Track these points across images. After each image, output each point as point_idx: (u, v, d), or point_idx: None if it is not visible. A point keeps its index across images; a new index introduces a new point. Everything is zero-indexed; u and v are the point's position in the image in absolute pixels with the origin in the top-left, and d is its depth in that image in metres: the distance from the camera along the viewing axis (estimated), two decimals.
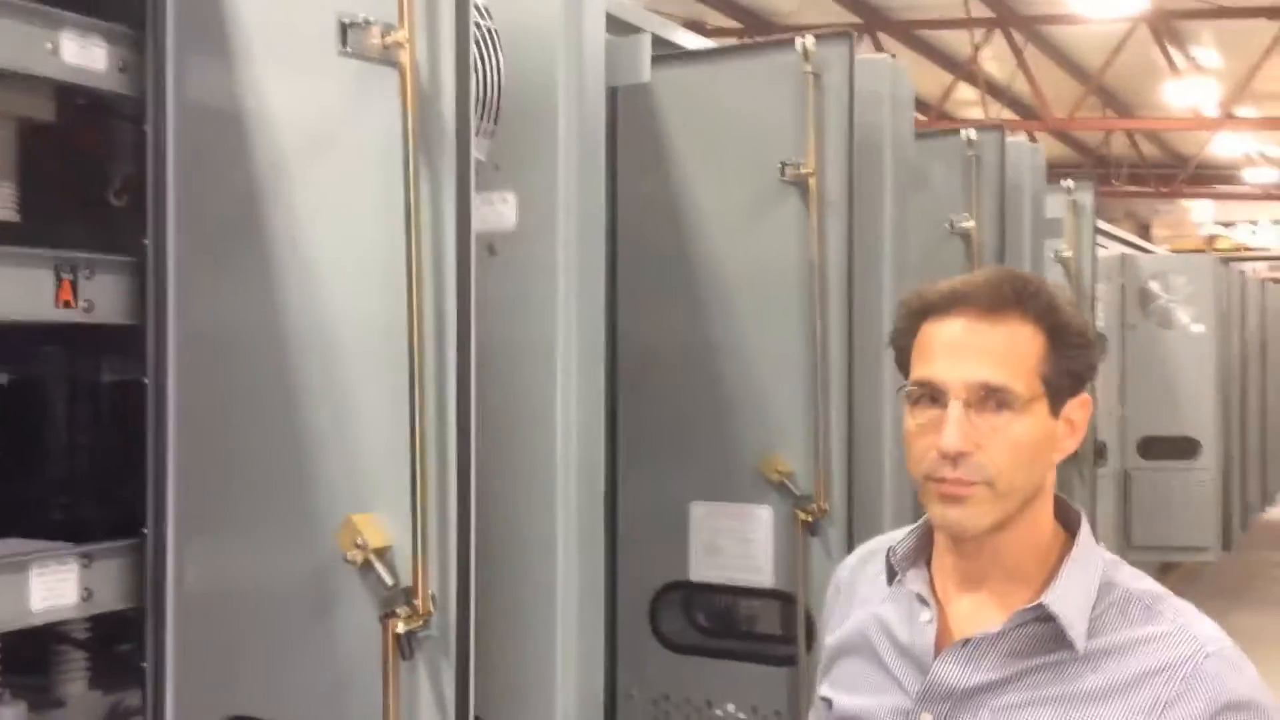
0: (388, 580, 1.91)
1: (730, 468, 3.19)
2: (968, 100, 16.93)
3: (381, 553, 1.93)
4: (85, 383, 2.47)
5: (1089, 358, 1.49)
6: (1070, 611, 1.42)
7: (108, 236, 2.23)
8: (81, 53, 2.08)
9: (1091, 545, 1.49)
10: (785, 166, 3.09)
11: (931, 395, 1.44)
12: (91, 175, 2.41)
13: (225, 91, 2.08)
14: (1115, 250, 8.38)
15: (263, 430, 2.08)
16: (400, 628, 1.88)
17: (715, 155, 3.20)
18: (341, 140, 2.00)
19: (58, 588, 2.05)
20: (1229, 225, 21.80)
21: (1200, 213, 21.65)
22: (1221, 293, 8.55)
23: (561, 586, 2.17)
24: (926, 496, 1.46)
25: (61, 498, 2.45)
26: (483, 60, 2.13)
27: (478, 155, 1.98)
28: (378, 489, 1.95)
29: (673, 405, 3.25)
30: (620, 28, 2.74)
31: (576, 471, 2.19)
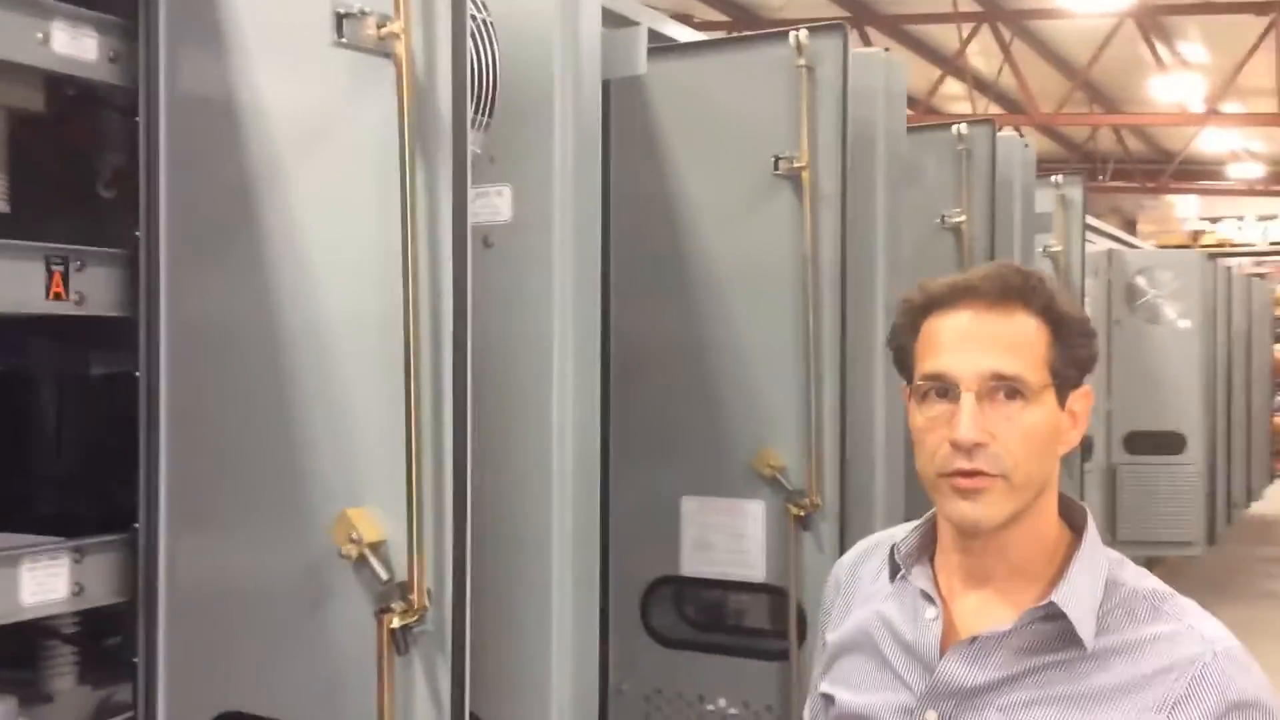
0: (382, 575, 1.90)
1: (722, 462, 3.19)
2: (954, 95, 16.94)
3: (376, 547, 1.92)
4: (76, 376, 2.45)
5: (1090, 349, 1.49)
6: (1079, 610, 1.41)
7: (97, 228, 2.21)
8: (72, 43, 2.07)
9: (1098, 543, 1.48)
10: (778, 160, 3.09)
11: (941, 389, 1.43)
12: (81, 166, 2.39)
13: (218, 82, 2.06)
14: (1102, 245, 8.39)
15: (256, 424, 2.07)
16: (395, 623, 1.87)
17: (708, 149, 3.19)
18: (336, 132, 1.98)
19: (48, 582, 2.04)
20: (1214, 221, 21.88)
21: (1185, 208, 21.72)
22: (1208, 288, 8.57)
23: (557, 581, 2.16)
24: (939, 492, 1.44)
25: (52, 492, 2.43)
26: (478, 52, 2.12)
27: (473, 148, 1.97)
28: (372, 483, 1.94)
29: (664, 399, 3.24)
30: (613, 20, 2.73)
31: (572, 466, 2.18)
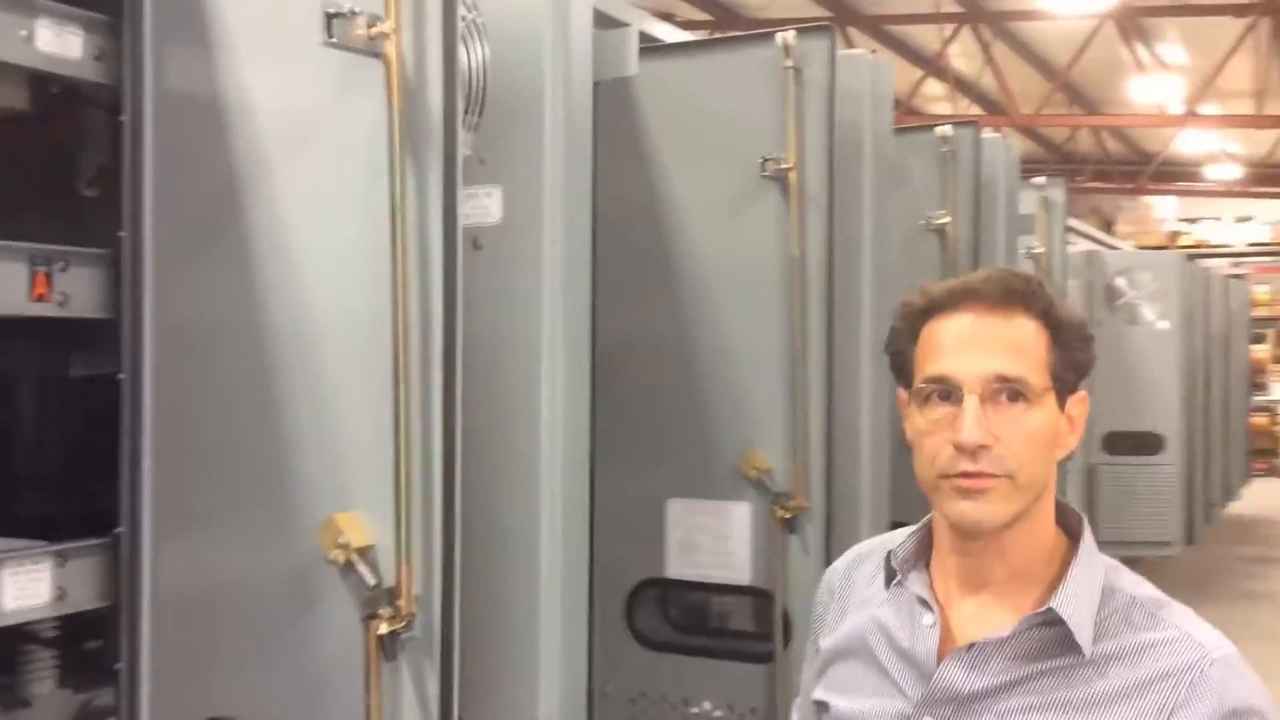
0: (370, 580, 1.88)
1: (708, 464, 3.18)
2: (935, 96, 16.99)
3: (364, 552, 1.90)
4: (59, 377, 2.42)
5: (1088, 353, 1.49)
6: (1078, 616, 1.41)
7: (78, 227, 2.19)
8: (56, 41, 2.04)
9: (1094, 549, 1.48)
10: (765, 161, 3.08)
11: (943, 392, 1.43)
12: (62, 165, 2.37)
13: (205, 81, 2.04)
14: (1082, 247, 8.42)
15: (242, 427, 2.05)
16: (383, 629, 1.86)
17: (694, 150, 3.18)
18: (325, 132, 1.96)
19: (30, 587, 2.01)
20: (1192, 221, 22.00)
21: (1164, 209, 21.84)
22: (1186, 289, 8.61)
23: (545, 585, 2.15)
24: (941, 494, 1.44)
25: (34, 495, 2.40)
26: (469, 53, 2.10)
27: (463, 149, 1.95)
28: (360, 487, 1.92)
29: (650, 401, 3.23)
30: (602, 21, 2.71)
31: (561, 468, 2.17)
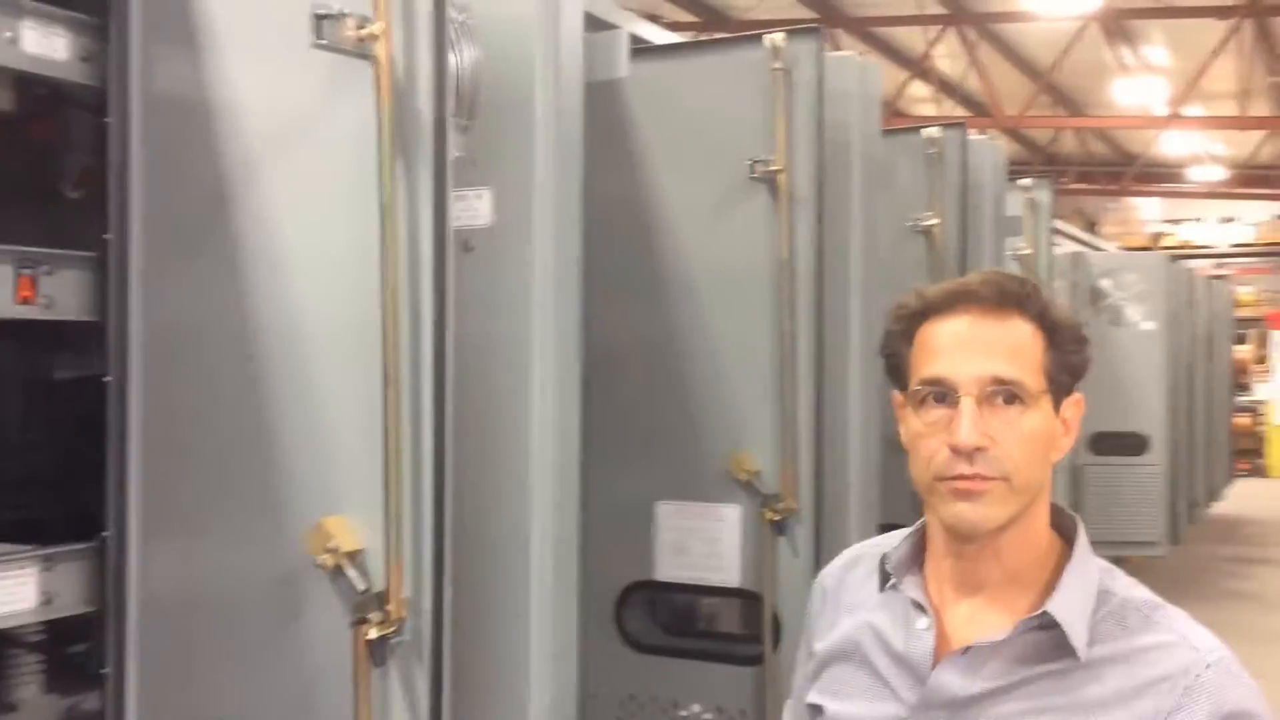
0: (359, 585, 1.87)
1: (697, 466, 3.18)
2: (920, 97, 17.03)
3: (354, 556, 1.89)
4: (45, 380, 2.40)
5: (1083, 355, 1.49)
6: (1073, 620, 1.41)
7: (61, 229, 2.17)
8: (43, 42, 2.02)
9: (1089, 552, 1.48)
10: (754, 163, 3.08)
11: (939, 394, 1.43)
12: (47, 167, 2.35)
13: (192, 83, 2.03)
14: (1067, 248, 8.44)
15: (230, 430, 2.03)
16: (373, 633, 1.85)
17: (683, 151, 3.18)
18: (314, 134, 1.95)
19: (17, 591, 1.99)
20: (1176, 223, 22.09)
21: (1147, 210, 21.93)
22: (1171, 290, 8.65)
23: (535, 588, 2.14)
24: (937, 497, 1.44)
25: (20, 498, 2.38)
26: (458, 54, 2.09)
27: (453, 150, 1.95)
28: (350, 491, 1.91)
29: (639, 403, 3.23)
30: (591, 23, 2.71)
31: (551, 471, 2.16)
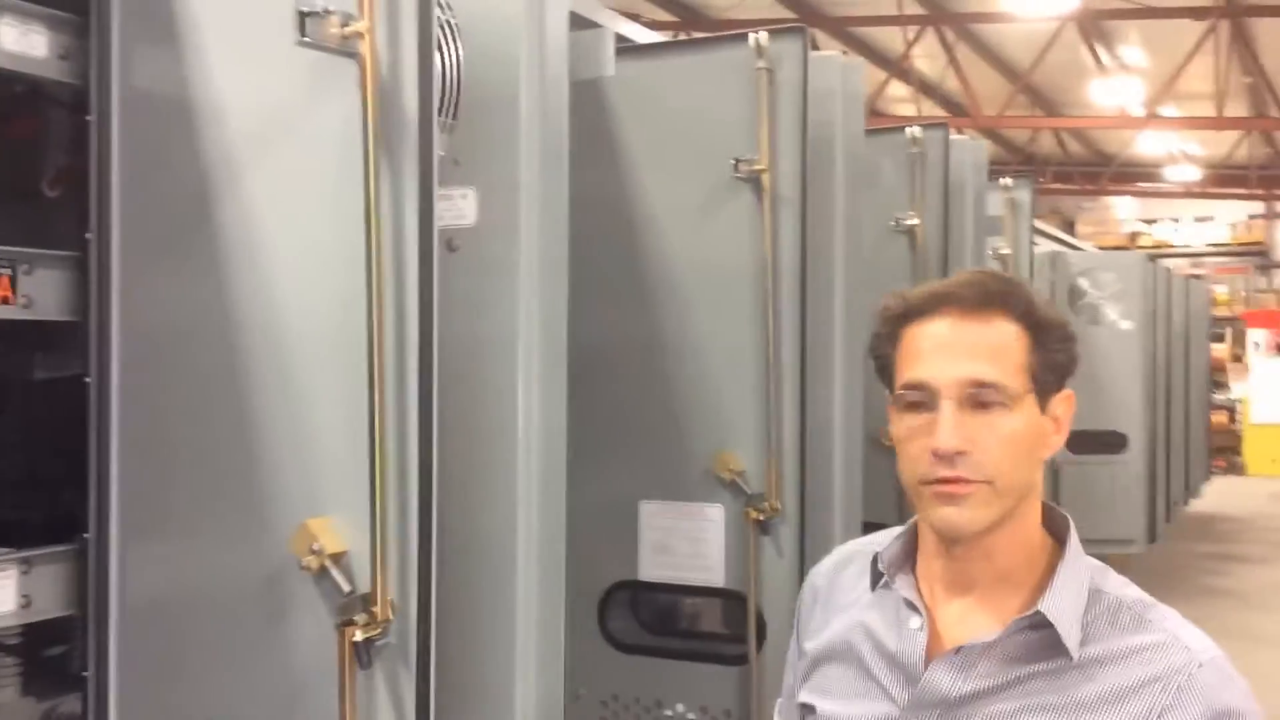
0: (344, 587, 1.86)
1: (681, 466, 3.17)
2: (899, 97, 17.07)
3: (338, 558, 1.87)
4: (23, 381, 2.38)
5: (1070, 353, 1.49)
6: (1066, 619, 1.41)
7: (39, 228, 2.14)
8: (21, 39, 2.00)
9: (1080, 551, 1.48)
10: (738, 162, 3.07)
11: (920, 398, 1.43)
12: (24, 165, 2.32)
13: (174, 81, 2.01)
14: (1045, 247, 8.47)
15: (213, 431, 2.01)
16: (358, 636, 1.83)
17: (667, 150, 3.18)
18: (297, 133, 1.93)
19: None
20: (1152, 222, 22.21)
21: (1124, 210, 22.04)
22: (1149, 290, 8.68)
23: (522, 588, 2.13)
24: (922, 500, 1.44)
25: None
26: (443, 53, 2.08)
27: (437, 150, 1.93)
28: (334, 492, 1.89)
29: (623, 402, 3.22)
30: (574, 22, 2.70)
31: (538, 472, 2.14)
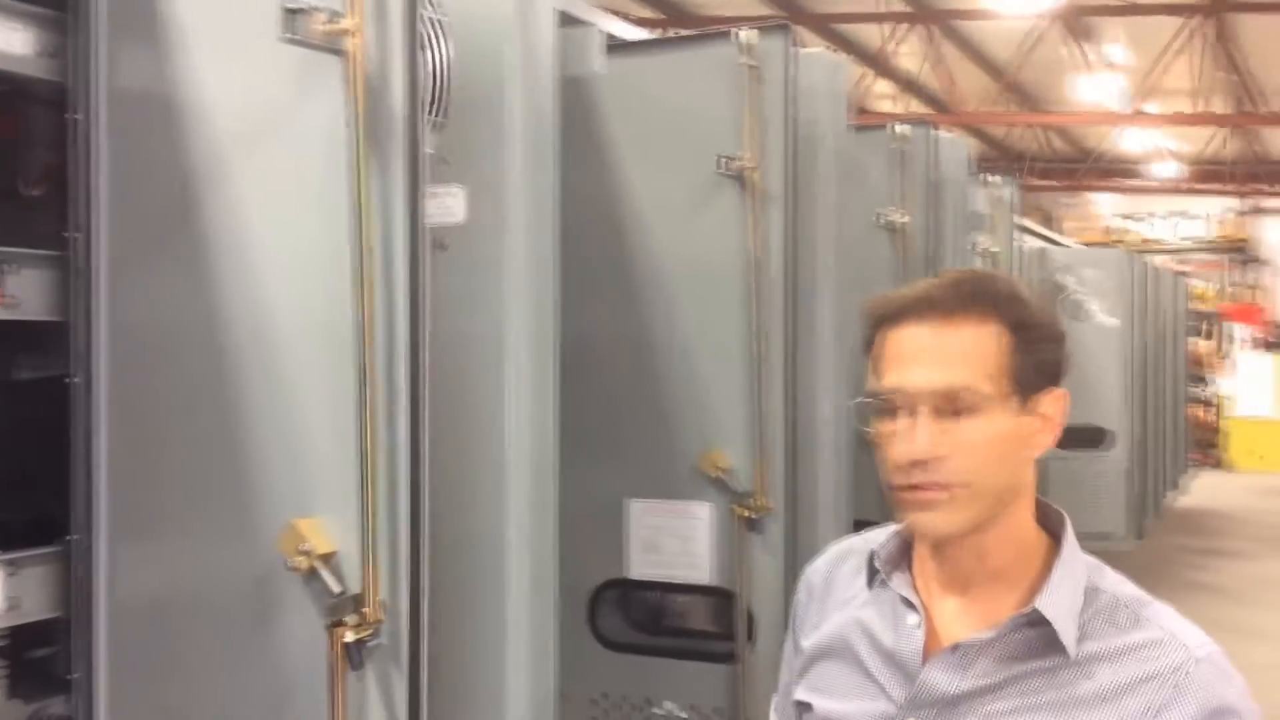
0: (334, 588, 1.85)
1: (669, 464, 3.16)
2: (881, 94, 17.10)
3: (328, 559, 1.86)
4: (6, 381, 2.36)
5: (1057, 351, 1.46)
6: (1063, 617, 1.40)
7: (20, 227, 2.13)
8: (2, 37, 1.98)
9: (1076, 548, 1.47)
10: (725, 160, 3.07)
11: (893, 405, 1.43)
12: (6, 164, 2.30)
13: (158, 78, 1.99)
14: (1029, 244, 8.49)
15: (200, 431, 2.00)
16: (349, 636, 1.82)
17: (654, 148, 3.17)
18: (284, 131, 1.92)
19: None
20: (1133, 218, 22.30)
21: (1105, 206, 22.14)
22: (1131, 285, 8.72)
23: (513, 588, 2.12)
24: (900, 504, 1.45)
25: None
26: (431, 51, 2.07)
27: (425, 148, 1.92)
28: (323, 492, 1.88)
29: (610, 401, 3.21)
30: (562, 20, 2.69)
31: (529, 470, 2.14)
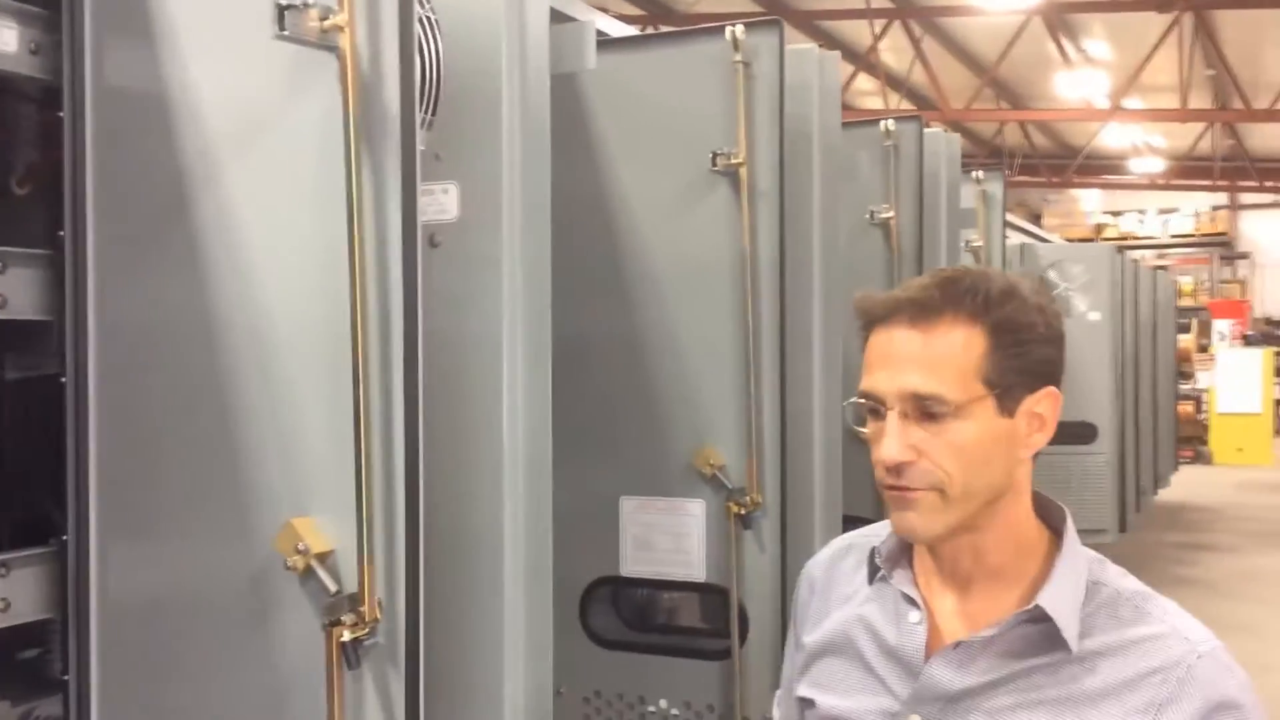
0: (331, 587, 1.83)
1: (661, 461, 3.16)
2: (866, 91, 17.13)
3: (324, 558, 1.85)
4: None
5: (1043, 352, 1.45)
6: (1065, 613, 1.40)
7: (7, 227, 2.11)
8: None
9: (1077, 543, 1.47)
10: (715, 156, 3.06)
11: (873, 407, 1.44)
12: None
13: (149, 76, 1.98)
14: (1015, 240, 8.51)
15: (194, 430, 1.98)
16: (345, 636, 1.81)
17: (644, 145, 3.16)
18: (276, 128, 1.91)
19: None
20: (1117, 214, 22.39)
21: (1089, 202, 22.22)
22: (1116, 281, 8.74)
23: (509, 586, 2.11)
24: (887, 502, 1.46)
25: None
26: (423, 48, 2.06)
27: (418, 145, 1.91)
28: (319, 491, 1.87)
29: (602, 398, 3.20)
30: (553, 16, 2.68)
31: (524, 468, 2.12)
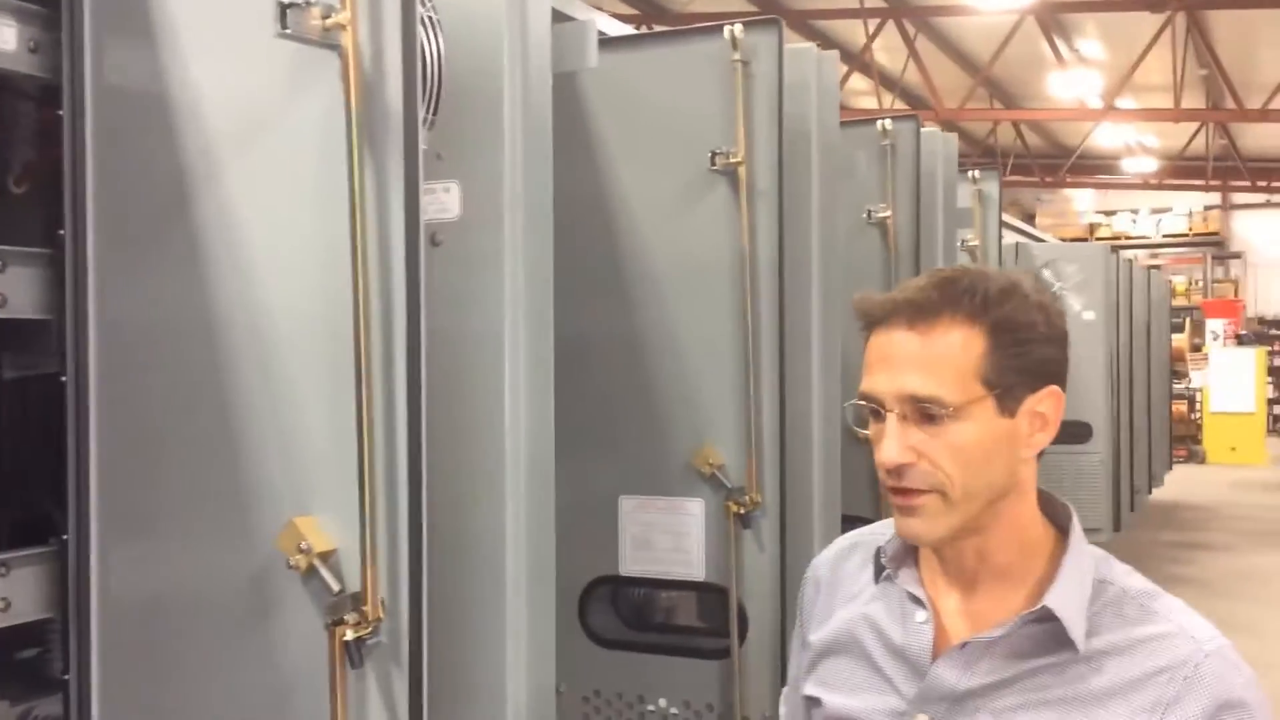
0: (334, 586, 1.83)
1: (661, 460, 3.16)
2: (859, 90, 17.14)
3: (326, 557, 1.85)
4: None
5: (1044, 352, 1.44)
6: (1071, 612, 1.40)
7: (9, 225, 2.10)
8: None
9: (1083, 541, 1.47)
10: (714, 155, 3.06)
11: (873, 408, 1.44)
12: None
13: (150, 74, 1.97)
14: (1009, 239, 8.52)
15: (196, 429, 1.98)
16: (348, 635, 1.81)
17: (643, 144, 3.16)
18: (278, 126, 1.90)
19: None
20: (1110, 214, 22.42)
21: (1082, 202, 22.25)
22: (1110, 280, 8.75)
23: (511, 585, 2.11)
24: (890, 505, 1.45)
25: None
26: (424, 48, 2.05)
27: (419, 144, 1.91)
28: (321, 490, 1.87)
29: (602, 397, 3.20)
30: (554, 15, 2.67)
31: (526, 467, 2.12)
